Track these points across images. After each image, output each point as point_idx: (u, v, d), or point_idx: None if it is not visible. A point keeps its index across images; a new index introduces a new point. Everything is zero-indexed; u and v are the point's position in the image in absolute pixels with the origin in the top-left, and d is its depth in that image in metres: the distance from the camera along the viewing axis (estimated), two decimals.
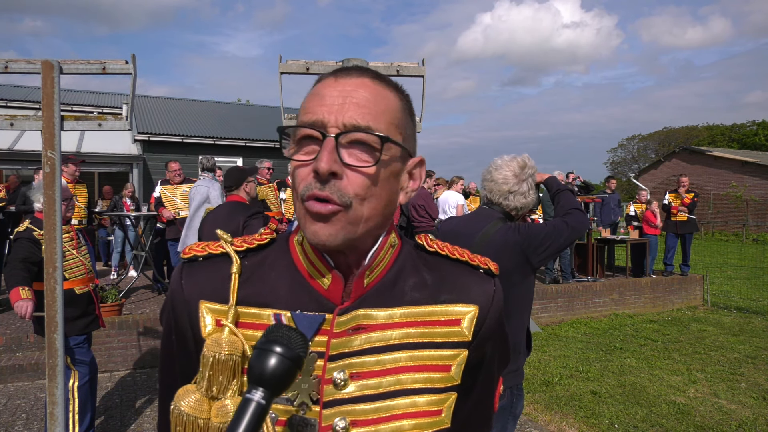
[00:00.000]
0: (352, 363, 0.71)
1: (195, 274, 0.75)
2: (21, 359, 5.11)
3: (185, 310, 0.74)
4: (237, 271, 0.74)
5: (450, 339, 0.74)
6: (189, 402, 0.68)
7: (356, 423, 0.69)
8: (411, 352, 0.72)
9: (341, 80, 0.69)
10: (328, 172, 0.64)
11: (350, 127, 0.65)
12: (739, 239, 22.20)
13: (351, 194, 0.65)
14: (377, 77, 0.71)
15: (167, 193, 6.86)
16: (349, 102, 0.66)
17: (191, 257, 0.76)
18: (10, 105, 13.42)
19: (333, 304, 0.72)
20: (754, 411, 4.39)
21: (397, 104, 0.71)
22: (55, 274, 2.32)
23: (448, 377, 0.74)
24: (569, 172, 10.34)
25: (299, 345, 0.57)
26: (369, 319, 0.72)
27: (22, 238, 3.31)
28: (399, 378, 0.71)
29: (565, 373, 5.32)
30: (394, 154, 0.70)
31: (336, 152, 0.64)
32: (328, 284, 0.72)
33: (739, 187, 23.10)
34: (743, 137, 47.21)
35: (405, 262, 0.78)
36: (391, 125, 0.69)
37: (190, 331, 0.73)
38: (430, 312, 0.74)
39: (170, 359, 0.78)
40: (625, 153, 52.14)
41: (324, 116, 0.66)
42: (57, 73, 2.32)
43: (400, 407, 0.71)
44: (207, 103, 17.49)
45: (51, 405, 2.34)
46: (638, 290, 8.50)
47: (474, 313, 0.76)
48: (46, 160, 2.30)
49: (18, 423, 4.11)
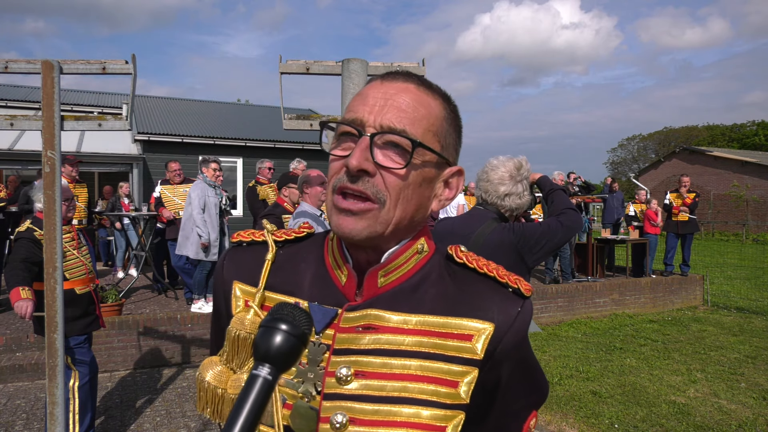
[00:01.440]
0: (358, 361, 0.71)
1: (236, 257, 0.83)
2: (21, 359, 5.11)
3: (222, 289, 0.82)
4: (271, 258, 0.80)
5: (460, 354, 0.71)
6: (212, 372, 0.76)
7: (355, 421, 0.69)
8: (422, 362, 0.71)
9: (386, 83, 0.72)
10: (357, 168, 0.66)
11: (386, 128, 0.68)
12: (739, 239, 22.20)
13: (385, 192, 0.68)
14: (423, 84, 0.73)
15: (167, 193, 6.86)
16: (390, 105, 0.69)
17: (238, 242, 0.85)
18: (10, 105, 13.41)
19: (346, 299, 0.75)
20: (754, 411, 4.39)
21: (440, 113, 0.73)
22: (56, 274, 2.32)
23: (454, 394, 0.70)
24: (570, 172, 10.34)
25: (304, 323, 0.58)
26: (380, 320, 0.72)
27: (23, 238, 3.31)
28: (406, 385, 0.70)
29: (565, 373, 5.32)
30: (427, 160, 0.71)
31: (369, 151, 0.67)
32: (345, 280, 0.75)
33: (740, 187, 23.10)
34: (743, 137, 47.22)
35: (431, 270, 0.77)
36: (428, 132, 0.70)
37: (224, 308, 0.81)
38: (445, 323, 0.72)
39: (212, 333, 0.89)
40: (625, 153, 52.15)
41: (364, 115, 0.69)
42: (57, 73, 2.32)
43: (402, 415, 0.69)
44: (207, 103, 17.48)
45: (51, 405, 2.34)
46: (638, 290, 8.50)
47: (489, 332, 0.72)
48: (46, 160, 2.30)
49: (18, 423, 4.11)
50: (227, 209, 6.16)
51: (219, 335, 0.81)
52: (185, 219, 5.84)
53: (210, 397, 0.75)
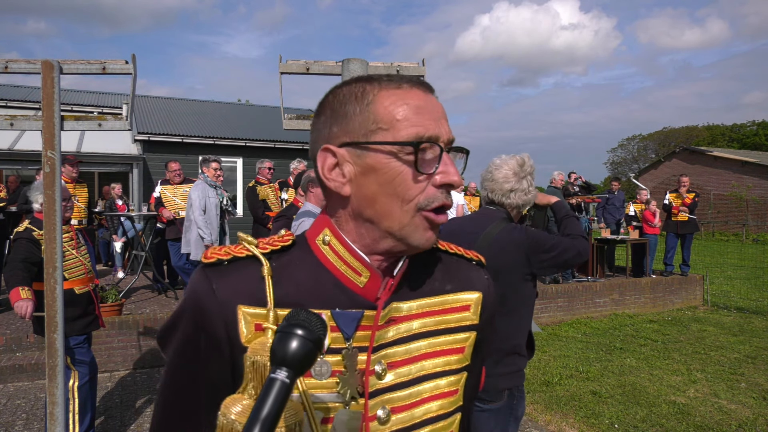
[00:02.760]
0: (387, 353, 0.75)
1: (226, 278, 0.72)
2: (21, 359, 5.11)
3: (219, 314, 0.70)
4: (269, 273, 0.72)
5: (462, 323, 0.82)
6: (240, 410, 0.63)
7: (395, 410, 0.74)
8: (429, 340, 0.78)
9: (429, 95, 0.75)
10: (461, 183, 0.74)
11: (451, 140, 0.74)
12: (739, 239, 22.20)
13: None
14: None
15: (167, 193, 6.86)
16: (443, 116, 0.75)
17: (215, 261, 0.73)
18: (10, 105, 13.41)
19: (367, 301, 0.75)
20: (754, 411, 4.39)
21: None
22: (55, 274, 2.32)
23: (462, 358, 0.81)
24: (570, 172, 10.33)
25: (319, 328, 0.60)
26: (398, 311, 0.77)
27: (22, 238, 3.31)
28: (423, 364, 0.77)
29: (565, 373, 5.32)
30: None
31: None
32: (365, 282, 0.75)
33: (741, 187, 23.09)
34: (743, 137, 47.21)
35: (413, 258, 0.82)
36: None
37: (224, 335, 0.70)
38: (443, 301, 0.81)
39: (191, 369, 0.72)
40: (625, 153, 52.13)
41: (436, 131, 0.72)
42: (57, 73, 2.32)
43: (426, 391, 0.76)
44: (207, 103, 17.48)
45: (51, 405, 2.34)
46: (638, 290, 8.50)
47: (479, 299, 0.84)
48: (46, 160, 2.29)
49: (18, 423, 4.11)
50: (229, 209, 6.15)
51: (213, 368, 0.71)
52: (186, 220, 5.84)
53: None
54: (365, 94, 0.73)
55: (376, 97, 0.73)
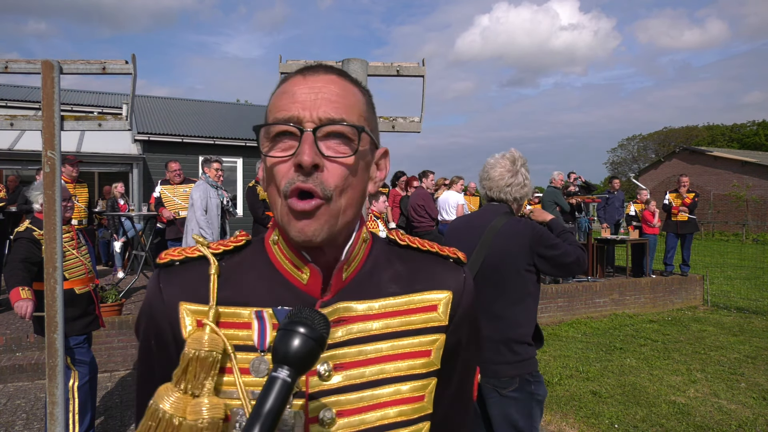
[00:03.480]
0: (335, 354, 0.72)
1: (173, 277, 0.76)
2: (21, 359, 5.11)
3: (165, 314, 0.74)
4: (215, 272, 0.75)
5: (428, 325, 0.77)
6: (169, 400, 0.68)
7: (342, 413, 0.71)
8: (392, 342, 0.75)
9: (309, 78, 0.71)
10: (312, 164, 0.66)
11: (325, 120, 0.68)
12: (739, 239, 22.19)
13: (332, 186, 0.68)
14: (342, 74, 0.74)
15: (167, 193, 6.86)
16: (321, 98, 0.69)
17: (168, 262, 0.77)
18: (10, 105, 13.41)
19: (313, 298, 0.74)
20: (754, 411, 4.39)
21: (362, 99, 0.75)
22: (55, 274, 2.32)
23: (429, 362, 0.76)
24: (570, 172, 10.34)
25: (322, 326, 0.59)
26: (349, 311, 0.74)
27: (22, 238, 3.31)
28: (382, 367, 0.73)
29: (565, 373, 5.32)
30: (366, 145, 0.73)
31: (315, 146, 0.67)
32: (307, 279, 0.74)
33: (740, 187, 23.09)
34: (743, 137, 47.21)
35: (378, 255, 0.80)
36: (361, 117, 0.72)
37: (170, 334, 0.73)
38: (408, 301, 0.77)
39: (149, 367, 0.77)
40: (625, 153, 52.14)
41: (299, 112, 0.68)
42: (57, 73, 2.32)
43: (384, 396, 0.73)
44: (207, 103, 17.48)
45: (51, 405, 2.34)
46: (638, 290, 8.50)
47: (448, 298, 0.79)
48: (46, 160, 2.29)
49: (18, 423, 4.11)
50: (229, 209, 6.15)
51: (165, 365, 0.73)
52: (189, 219, 5.83)
53: (164, 428, 0.66)
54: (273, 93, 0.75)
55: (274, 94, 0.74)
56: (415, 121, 2.57)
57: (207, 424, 0.66)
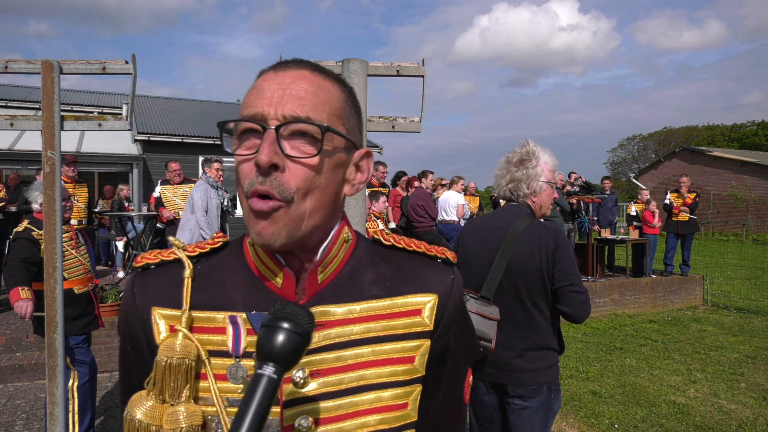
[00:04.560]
0: (311, 361, 0.69)
1: (147, 282, 0.74)
2: (21, 359, 5.11)
3: (138, 319, 0.72)
4: (189, 275, 0.73)
5: (412, 330, 0.73)
6: (142, 409, 0.67)
7: (319, 421, 0.68)
8: (373, 347, 0.71)
9: (280, 73, 0.68)
10: (268, 164, 0.63)
11: (290, 118, 0.64)
12: (739, 239, 22.19)
13: (293, 188, 0.64)
14: (316, 69, 0.70)
15: (167, 193, 6.86)
16: (289, 94, 0.66)
17: (144, 265, 0.76)
18: (10, 105, 13.41)
19: None
20: (754, 411, 4.39)
21: (339, 95, 0.71)
22: (55, 274, 2.32)
23: (412, 369, 0.73)
24: (570, 172, 10.34)
25: (306, 320, 0.57)
26: (326, 315, 0.71)
27: (21, 238, 3.31)
28: (362, 374, 0.70)
29: (565, 373, 5.31)
30: (337, 145, 0.69)
31: (277, 144, 0.63)
32: (281, 282, 0.71)
33: (740, 187, 23.09)
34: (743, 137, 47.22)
35: (361, 257, 0.77)
36: (333, 116, 0.68)
37: (144, 339, 0.72)
38: (391, 305, 0.73)
39: (128, 370, 0.76)
40: (625, 153, 52.15)
41: (264, 109, 0.65)
42: (57, 73, 2.32)
43: (365, 403, 0.70)
44: (207, 103, 17.48)
45: (51, 405, 2.34)
46: (638, 290, 8.50)
47: (434, 302, 0.75)
48: (46, 160, 2.29)
49: (18, 423, 4.11)
50: (229, 210, 6.15)
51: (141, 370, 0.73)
52: (184, 220, 5.83)
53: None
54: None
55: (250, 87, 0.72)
56: (415, 121, 2.57)
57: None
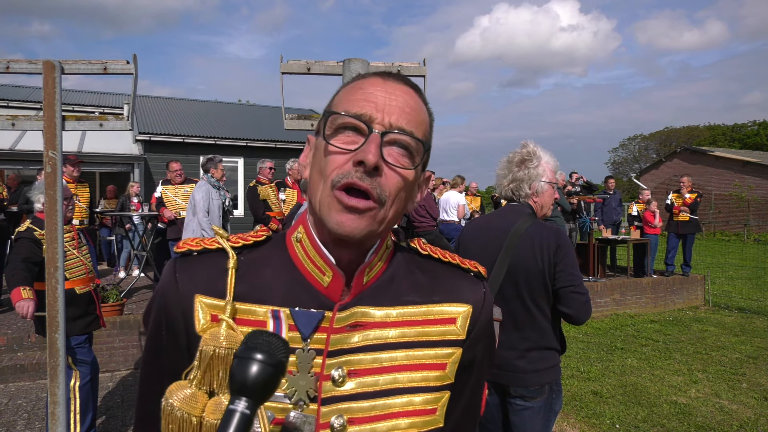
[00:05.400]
0: (350, 360, 0.71)
1: (190, 268, 0.74)
2: (22, 359, 5.12)
3: (179, 305, 0.72)
4: (234, 266, 0.73)
5: (446, 338, 0.75)
6: (182, 397, 0.66)
7: (353, 420, 0.69)
8: (408, 351, 0.73)
9: (389, 83, 0.71)
10: (375, 164, 0.65)
11: (396, 127, 0.68)
12: (740, 239, 22.16)
13: (387, 193, 0.67)
14: (418, 91, 0.74)
15: (168, 193, 6.86)
16: (395, 105, 0.69)
17: (185, 251, 0.76)
18: (11, 105, 13.44)
19: (331, 301, 0.73)
20: (755, 411, 4.38)
21: (427, 118, 0.75)
22: (57, 274, 2.32)
23: (443, 375, 0.75)
24: (572, 172, 10.33)
25: (280, 350, 0.56)
26: (366, 316, 0.73)
27: (23, 238, 3.31)
28: (396, 377, 0.72)
29: (566, 373, 5.31)
30: (422, 164, 0.73)
31: (380, 149, 0.66)
32: (329, 282, 0.72)
33: (742, 187, 23.05)
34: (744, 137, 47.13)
35: (399, 263, 0.79)
36: (425, 137, 0.72)
37: (182, 326, 0.72)
38: (426, 312, 0.75)
39: (158, 358, 0.75)
40: (627, 153, 52.08)
41: (372, 112, 0.68)
42: (58, 74, 2.32)
43: (397, 406, 0.71)
44: (208, 103, 17.50)
45: (52, 405, 2.34)
46: (639, 290, 8.49)
47: (468, 312, 0.77)
48: (47, 160, 2.30)
49: (19, 423, 4.12)
50: (230, 210, 6.15)
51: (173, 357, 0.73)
52: (187, 221, 5.82)
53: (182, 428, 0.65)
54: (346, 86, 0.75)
55: (346, 87, 0.74)
56: None
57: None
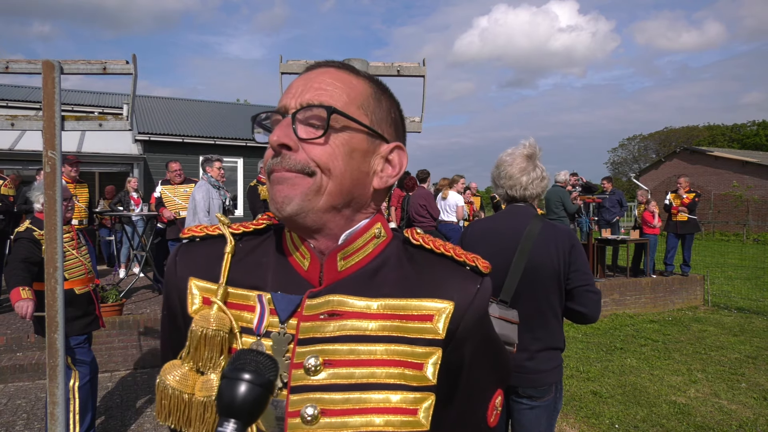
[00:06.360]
0: (325, 350, 0.69)
1: (190, 253, 0.79)
2: (22, 359, 5.12)
3: (176, 287, 0.77)
4: (230, 251, 0.76)
5: (423, 335, 0.71)
6: (175, 376, 0.70)
7: (326, 412, 0.67)
8: (387, 346, 0.70)
9: (310, 72, 0.74)
10: (277, 143, 0.68)
11: (305, 104, 0.69)
12: (739, 239, 22.17)
13: (311, 163, 0.68)
14: (342, 67, 0.75)
15: (168, 193, 6.86)
16: (309, 86, 0.71)
17: (189, 237, 0.80)
18: (11, 105, 13.41)
19: (311, 285, 0.73)
20: (754, 411, 4.38)
21: (363, 89, 0.73)
22: (56, 275, 2.32)
23: (421, 376, 0.70)
24: (572, 174, 10.32)
25: (269, 369, 0.55)
26: (344, 305, 0.71)
27: (23, 238, 3.31)
28: (373, 371, 0.69)
29: (565, 373, 5.31)
30: (352, 128, 0.70)
31: (291, 128, 0.69)
32: (308, 265, 0.73)
33: (741, 187, 23.06)
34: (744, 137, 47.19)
35: (390, 254, 0.76)
36: (350, 104, 0.71)
37: (179, 308, 0.76)
38: (405, 305, 0.71)
39: (163, 337, 0.82)
40: (626, 153, 52.11)
41: (287, 102, 0.71)
42: (58, 73, 2.32)
43: (372, 401, 0.68)
44: (207, 103, 17.47)
45: (52, 405, 2.34)
46: (639, 290, 8.49)
47: (449, 311, 0.71)
48: (46, 161, 2.29)
49: (19, 423, 4.12)
50: (231, 210, 6.14)
51: (175, 338, 0.77)
52: (188, 222, 5.81)
53: (174, 404, 0.69)
54: None
55: None
56: (415, 121, 2.57)
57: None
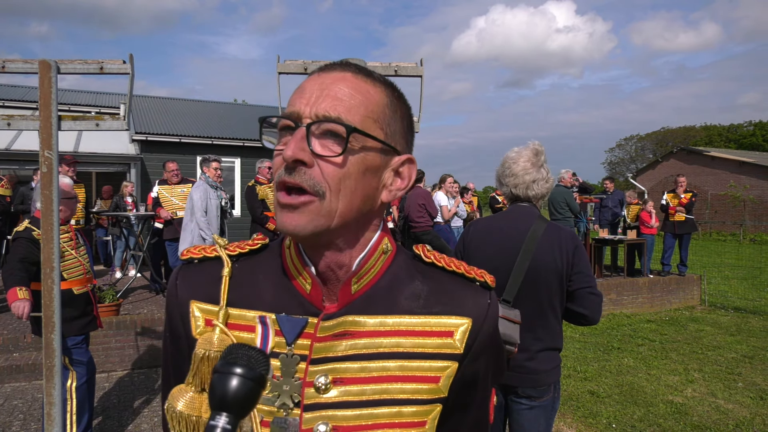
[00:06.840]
0: (336, 368, 0.71)
1: (189, 275, 0.79)
2: (18, 359, 5.10)
3: (178, 310, 0.77)
4: (228, 273, 0.76)
5: (442, 351, 0.73)
6: (183, 401, 0.71)
7: (338, 429, 0.69)
8: (401, 362, 0.71)
9: (323, 74, 0.70)
10: (291, 158, 0.65)
11: (321, 117, 0.66)
12: (736, 239, 22.24)
13: (323, 183, 0.66)
14: (360, 72, 0.71)
15: (165, 193, 6.84)
16: (326, 94, 0.67)
17: (188, 259, 0.80)
18: (7, 105, 13.38)
19: (315, 307, 0.73)
20: (751, 410, 4.40)
21: (380, 99, 0.71)
22: (53, 275, 2.31)
23: (435, 389, 0.73)
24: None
25: (261, 364, 0.56)
26: (356, 325, 0.72)
27: (21, 237, 3.30)
28: (386, 387, 0.71)
29: (562, 372, 5.32)
30: (368, 148, 0.69)
31: (306, 141, 0.65)
32: (310, 288, 0.73)
33: (738, 187, 23.14)
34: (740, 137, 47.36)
35: (399, 270, 0.77)
36: (367, 118, 0.68)
37: (182, 331, 0.77)
38: (424, 323, 0.73)
39: (166, 360, 0.81)
40: (623, 153, 52.25)
41: (301, 108, 0.67)
42: (54, 73, 2.31)
43: (384, 416, 0.70)
44: (205, 103, 17.45)
45: (48, 405, 2.34)
46: (636, 290, 8.51)
47: (467, 326, 0.74)
48: (43, 160, 2.29)
49: (15, 423, 4.10)
50: (228, 210, 6.14)
51: (178, 358, 0.78)
52: (185, 222, 5.80)
53: (185, 426, 0.70)
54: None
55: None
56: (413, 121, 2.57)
57: None
